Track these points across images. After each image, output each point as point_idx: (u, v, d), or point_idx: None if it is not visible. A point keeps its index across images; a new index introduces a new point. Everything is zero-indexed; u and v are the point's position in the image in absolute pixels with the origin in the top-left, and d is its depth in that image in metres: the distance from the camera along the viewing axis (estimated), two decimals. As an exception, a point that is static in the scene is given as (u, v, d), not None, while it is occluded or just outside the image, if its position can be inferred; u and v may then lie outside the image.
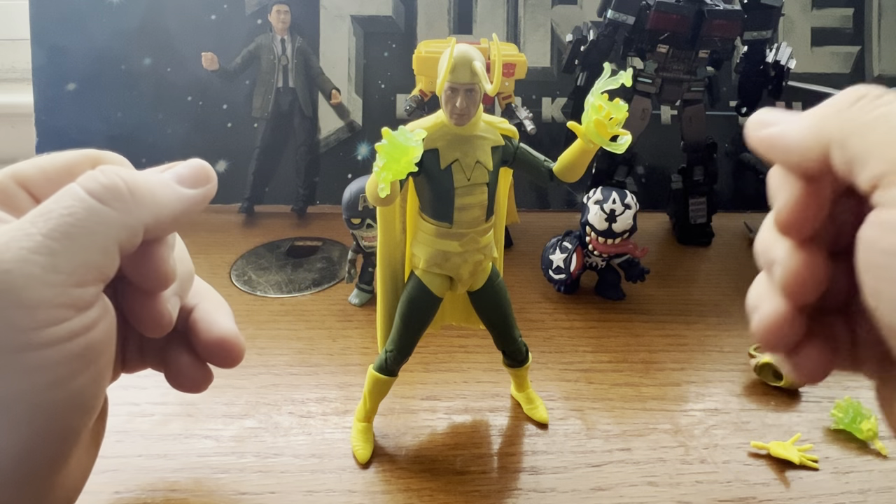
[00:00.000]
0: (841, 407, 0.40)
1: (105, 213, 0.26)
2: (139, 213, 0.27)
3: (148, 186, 0.28)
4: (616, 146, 0.31)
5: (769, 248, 0.27)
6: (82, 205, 0.25)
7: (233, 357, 0.33)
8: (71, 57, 0.70)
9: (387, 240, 0.35)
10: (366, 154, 0.73)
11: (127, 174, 0.27)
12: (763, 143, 0.25)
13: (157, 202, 0.28)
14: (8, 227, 0.25)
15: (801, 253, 0.26)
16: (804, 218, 0.25)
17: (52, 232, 0.24)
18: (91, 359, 0.26)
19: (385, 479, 0.35)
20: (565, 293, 0.56)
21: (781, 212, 0.26)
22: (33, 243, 0.24)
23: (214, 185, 0.31)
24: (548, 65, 0.76)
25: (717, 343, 0.49)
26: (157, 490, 0.33)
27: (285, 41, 0.68)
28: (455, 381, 0.43)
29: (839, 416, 0.39)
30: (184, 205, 0.29)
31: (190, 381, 0.33)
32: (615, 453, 0.37)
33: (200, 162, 0.31)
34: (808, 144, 0.24)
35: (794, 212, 0.26)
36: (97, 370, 0.27)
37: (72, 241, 0.25)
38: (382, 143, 0.28)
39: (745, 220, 0.72)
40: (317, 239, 0.66)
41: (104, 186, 0.26)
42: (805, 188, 0.26)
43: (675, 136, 0.69)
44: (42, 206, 0.25)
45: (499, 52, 0.31)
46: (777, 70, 0.63)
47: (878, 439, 0.38)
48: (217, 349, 0.33)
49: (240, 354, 0.33)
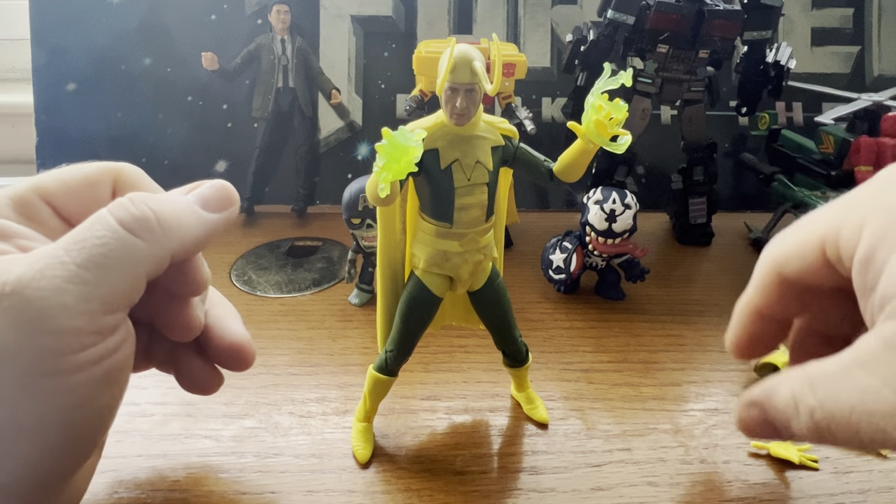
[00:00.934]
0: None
1: (135, 244, 0.27)
2: (167, 244, 0.28)
3: (175, 215, 0.28)
4: (616, 146, 0.31)
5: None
6: (114, 236, 0.26)
7: (245, 362, 0.34)
8: (71, 57, 0.70)
9: (387, 240, 0.35)
10: (366, 154, 0.73)
11: (155, 203, 0.28)
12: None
13: (183, 230, 0.29)
14: (42, 253, 0.25)
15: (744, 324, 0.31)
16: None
17: (85, 262, 0.25)
18: (113, 380, 0.28)
19: (385, 479, 0.35)
20: (565, 293, 0.56)
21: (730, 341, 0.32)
22: (67, 273, 0.25)
23: (237, 207, 0.31)
24: (548, 65, 0.76)
25: (717, 343, 0.49)
26: (157, 490, 0.33)
27: (285, 41, 0.68)
28: (455, 381, 0.43)
29: None
30: (208, 231, 0.30)
31: (202, 384, 0.34)
32: (615, 453, 0.37)
33: (223, 184, 0.31)
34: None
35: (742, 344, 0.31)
36: (118, 389, 0.29)
37: (103, 271, 0.26)
38: (382, 143, 0.28)
39: (745, 220, 0.72)
40: (317, 239, 0.66)
41: (135, 218, 0.27)
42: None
43: (675, 136, 0.69)
44: (76, 234, 0.26)
45: (499, 52, 0.31)
46: (777, 70, 0.63)
47: None
48: (230, 354, 0.34)
49: (251, 359, 0.34)
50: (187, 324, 0.32)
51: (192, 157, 0.71)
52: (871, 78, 0.79)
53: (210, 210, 0.30)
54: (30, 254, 0.26)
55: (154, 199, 0.28)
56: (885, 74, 0.79)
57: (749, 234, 0.69)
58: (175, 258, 0.28)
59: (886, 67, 0.79)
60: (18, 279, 0.24)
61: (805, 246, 0.28)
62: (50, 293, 0.24)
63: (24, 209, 0.29)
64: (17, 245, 0.27)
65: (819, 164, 0.63)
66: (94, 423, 0.28)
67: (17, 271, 0.24)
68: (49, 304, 0.24)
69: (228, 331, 0.34)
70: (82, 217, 0.30)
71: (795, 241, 0.29)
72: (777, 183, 0.65)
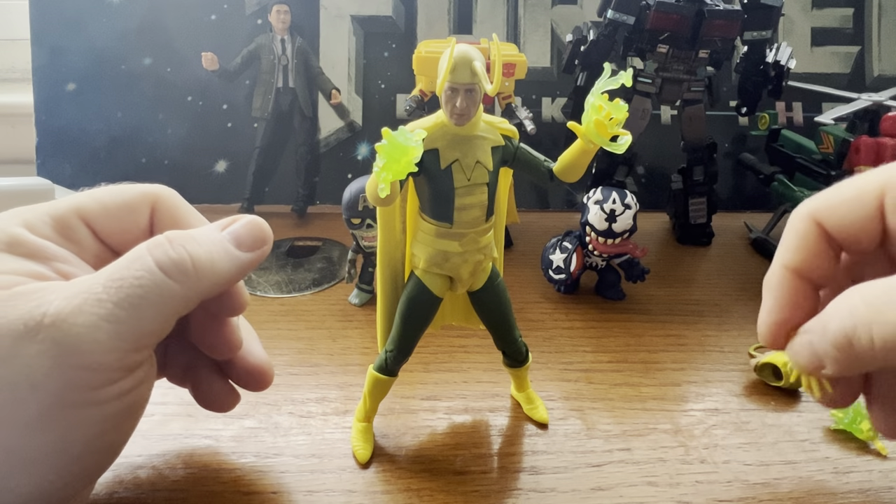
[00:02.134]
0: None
1: (170, 287, 0.27)
2: (200, 287, 0.29)
3: (210, 258, 0.29)
4: (616, 146, 0.31)
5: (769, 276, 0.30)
6: (151, 278, 0.27)
7: (264, 384, 0.35)
8: (71, 57, 0.70)
9: (387, 240, 0.35)
10: (366, 154, 0.73)
11: (192, 245, 0.29)
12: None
13: (217, 273, 0.29)
14: (81, 286, 0.26)
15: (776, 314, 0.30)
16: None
17: (121, 301, 0.26)
18: (133, 413, 0.29)
19: (385, 479, 0.35)
20: (565, 293, 0.56)
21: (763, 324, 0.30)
22: (104, 311, 0.26)
23: (270, 245, 0.32)
24: (548, 65, 0.76)
25: (717, 343, 0.49)
26: (157, 490, 0.33)
27: (285, 41, 0.68)
28: (455, 381, 0.43)
29: (839, 416, 0.39)
30: (241, 270, 0.31)
31: (220, 402, 0.35)
32: (615, 453, 0.37)
33: (258, 223, 0.31)
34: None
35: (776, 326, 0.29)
36: (135, 421, 0.30)
37: (137, 311, 0.26)
38: (382, 143, 0.28)
39: (745, 220, 0.72)
40: (317, 239, 0.66)
41: (172, 261, 0.28)
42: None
43: (675, 136, 0.69)
44: (115, 270, 0.27)
45: (499, 52, 0.31)
46: (777, 70, 0.63)
47: (879, 439, 0.38)
48: (252, 376, 0.35)
49: (270, 381, 0.36)
50: (228, 342, 0.33)
51: (192, 157, 0.71)
52: (871, 78, 0.79)
53: (243, 249, 0.31)
54: (70, 284, 0.27)
55: (191, 240, 0.29)
56: (885, 74, 0.79)
57: (749, 234, 0.69)
58: (206, 297, 0.29)
59: (886, 67, 0.79)
60: (58, 312, 0.25)
61: (860, 194, 0.28)
62: (86, 329, 0.25)
63: (64, 230, 0.30)
64: (55, 268, 0.28)
65: (819, 164, 0.63)
66: (108, 452, 0.29)
67: (57, 304, 0.25)
68: (84, 339, 0.25)
69: (252, 353, 0.35)
70: (119, 240, 0.31)
71: (846, 191, 0.28)
72: (777, 183, 0.65)
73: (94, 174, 0.71)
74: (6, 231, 0.28)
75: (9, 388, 0.25)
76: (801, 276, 0.29)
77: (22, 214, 0.29)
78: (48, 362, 0.25)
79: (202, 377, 0.35)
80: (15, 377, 0.25)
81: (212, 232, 0.30)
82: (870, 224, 0.27)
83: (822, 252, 0.29)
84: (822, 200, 0.29)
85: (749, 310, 0.53)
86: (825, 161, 0.63)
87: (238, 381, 0.35)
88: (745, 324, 0.51)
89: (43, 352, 0.25)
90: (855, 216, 0.28)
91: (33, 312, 0.25)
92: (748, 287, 0.58)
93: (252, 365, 0.35)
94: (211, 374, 0.35)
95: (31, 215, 0.29)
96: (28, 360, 0.25)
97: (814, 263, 0.29)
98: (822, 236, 0.29)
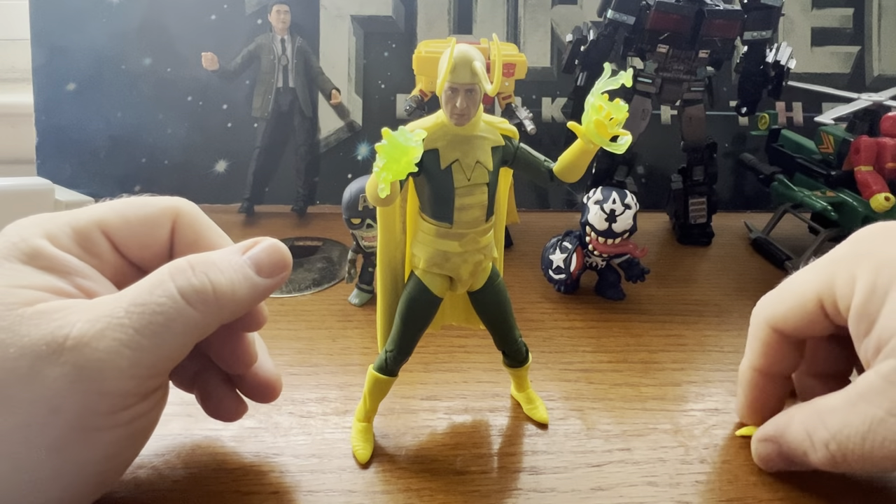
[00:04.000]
0: None
1: (191, 315, 0.28)
2: (219, 315, 0.29)
3: (231, 286, 0.29)
4: (616, 146, 0.31)
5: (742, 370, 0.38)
6: (173, 305, 0.27)
7: (272, 397, 0.36)
8: (71, 57, 0.70)
9: (387, 240, 0.35)
10: (366, 154, 0.74)
11: (214, 273, 0.29)
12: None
13: (236, 301, 0.30)
14: (104, 309, 0.27)
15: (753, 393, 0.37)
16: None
17: (143, 328, 0.26)
18: (148, 431, 0.30)
19: (385, 479, 0.35)
20: (565, 293, 0.56)
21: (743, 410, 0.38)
22: (126, 337, 0.26)
23: (290, 270, 0.32)
24: (548, 65, 0.76)
25: (717, 343, 0.49)
26: (157, 490, 0.33)
27: (285, 41, 0.68)
28: (455, 381, 0.43)
29: None
30: (259, 297, 0.31)
31: (228, 412, 0.36)
32: (615, 453, 0.37)
33: (279, 249, 0.32)
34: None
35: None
36: (149, 436, 0.31)
37: (158, 339, 0.27)
38: (382, 144, 0.28)
39: (745, 220, 0.72)
40: (317, 239, 0.66)
41: (195, 290, 0.28)
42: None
43: (675, 136, 0.69)
44: (138, 295, 0.27)
45: (499, 52, 0.31)
46: (777, 70, 0.63)
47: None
48: (260, 389, 0.35)
49: (278, 395, 0.36)
50: (243, 357, 0.33)
51: (192, 157, 0.71)
52: (871, 78, 0.79)
53: (263, 275, 0.31)
54: (92, 305, 0.27)
55: (213, 266, 0.29)
56: (885, 74, 0.79)
57: (749, 234, 0.69)
58: (224, 322, 0.30)
59: (886, 67, 0.79)
60: (80, 336, 0.25)
61: (803, 303, 0.33)
62: (107, 355, 0.26)
63: (85, 242, 0.30)
64: (76, 283, 0.28)
65: (819, 164, 0.63)
66: (119, 469, 0.30)
67: (79, 326, 0.26)
68: (105, 366, 0.26)
69: (262, 366, 0.35)
70: (139, 254, 0.32)
71: (790, 300, 0.34)
72: (777, 183, 0.65)
73: (94, 174, 0.71)
74: (28, 242, 0.28)
75: (28, 410, 0.25)
76: (767, 375, 0.36)
77: (44, 224, 0.29)
78: (69, 387, 0.25)
79: (211, 387, 0.35)
80: (35, 399, 0.25)
81: (233, 257, 0.30)
82: (819, 324, 0.33)
83: (783, 351, 0.35)
84: (773, 309, 0.35)
85: (749, 310, 0.52)
86: (825, 161, 0.63)
87: (246, 393, 0.36)
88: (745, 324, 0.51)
89: (64, 375, 0.25)
90: (804, 322, 0.33)
91: (56, 333, 0.25)
92: (748, 287, 0.58)
93: (262, 379, 0.35)
94: (219, 385, 0.35)
95: (53, 226, 0.29)
96: (49, 382, 0.25)
97: (779, 363, 0.36)
98: (782, 340, 0.35)
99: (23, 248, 0.28)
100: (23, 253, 0.28)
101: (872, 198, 0.55)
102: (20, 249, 0.28)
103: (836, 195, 0.59)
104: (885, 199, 0.55)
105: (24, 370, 0.25)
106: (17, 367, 0.25)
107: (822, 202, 0.58)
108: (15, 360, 0.25)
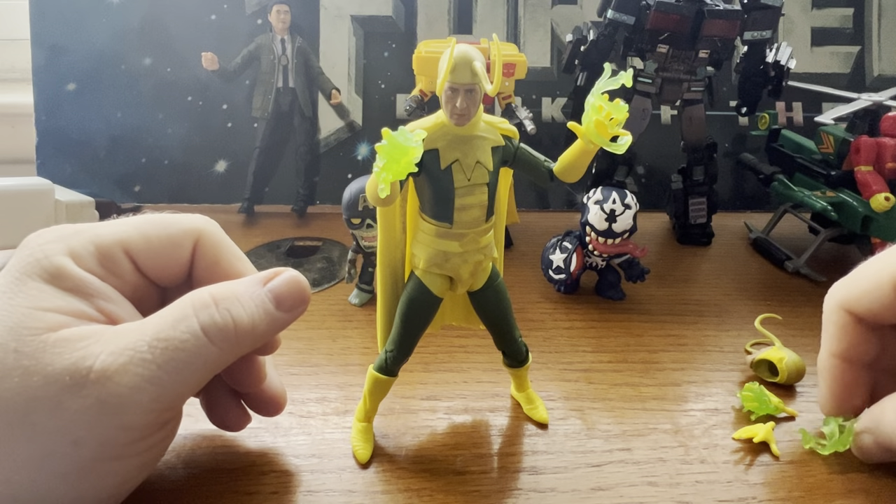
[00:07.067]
0: (750, 389, 0.41)
1: (212, 352, 0.28)
2: (238, 351, 0.29)
3: (251, 322, 0.29)
4: (616, 146, 0.31)
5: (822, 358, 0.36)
6: (196, 342, 0.27)
7: (277, 412, 0.37)
8: (71, 57, 0.70)
9: (387, 240, 0.35)
10: (366, 154, 0.74)
11: (237, 310, 0.29)
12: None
13: (255, 336, 0.30)
14: (127, 341, 0.27)
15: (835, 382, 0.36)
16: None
17: (165, 364, 0.27)
18: (157, 459, 0.31)
19: (385, 479, 0.35)
20: (565, 293, 0.56)
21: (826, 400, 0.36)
22: (149, 373, 0.26)
23: (308, 304, 0.32)
24: (548, 65, 0.76)
25: (717, 343, 0.49)
26: (156, 490, 0.33)
27: (285, 41, 0.68)
28: (455, 381, 0.43)
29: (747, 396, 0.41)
30: (277, 330, 0.31)
31: (232, 422, 0.36)
32: (615, 453, 0.37)
33: (299, 283, 0.31)
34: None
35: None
36: (157, 463, 0.31)
37: (179, 375, 0.27)
38: (382, 144, 0.28)
39: (745, 220, 0.72)
40: (317, 239, 0.66)
41: (217, 327, 0.28)
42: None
43: (675, 136, 0.69)
44: (161, 329, 0.27)
45: (499, 52, 0.31)
46: (777, 70, 0.63)
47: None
48: (266, 404, 0.36)
49: (283, 409, 0.37)
50: (254, 377, 0.34)
51: (192, 157, 0.71)
52: (871, 78, 0.79)
53: (282, 310, 0.31)
54: (115, 336, 0.27)
55: (235, 302, 0.29)
56: (885, 74, 0.79)
57: (749, 234, 0.69)
58: (240, 356, 0.30)
59: (886, 67, 0.79)
60: (104, 369, 0.26)
61: (879, 285, 0.32)
62: (129, 391, 0.26)
63: (107, 262, 0.30)
64: (98, 306, 0.28)
65: (819, 164, 0.63)
66: (129, 490, 0.30)
67: (102, 359, 0.26)
68: (126, 401, 0.26)
69: (270, 383, 0.36)
70: (160, 274, 0.32)
71: (865, 282, 0.33)
72: (777, 183, 0.65)
73: (94, 174, 0.71)
74: (51, 260, 0.28)
75: (50, 439, 0.25)
76: (848, 361, 0.35)
77: (67, 240, 0.29)
78: (91, 420, 0.25)
79: (217, 398, 0.35)
80: (57, 429, 0.25)
81: (254, 289, 0.30)
82: (894, 308, 0.32)
83: (861, 337, 0.34)
84: (847, 291, 0.34)
85: (749, 310, 0.53)
86: (825, 161, 0.63)
87: (252, 406, 0.36)
88: (745, 324, 0.51)
89: (87, 408, 0.25)
90: (880, 305, 0.32)
91: (79, 365, 0.25)
92: (748, 287, 0.58)
93: (269, 395, 0.36)
94: (225, 396, 0.35)
95: (77, 243, 0.29)
96: (71, 414, 0.25)
97: (857, 347, 0.34)
98: (857, 323, 0.34)
99: (46, 266, 0.27)
100: (46, 271, 0.27)
101: (872, 198, 0.55)
102: (43, 267, 0.27)
103: (836, 195, 0.59)
104: (885, 199, 0.55)
105: (48, 400, 0.25)
106: (42, 396, 0.25)
107: (822, 202, 0.58)
108: (39, 389, 0.25)
